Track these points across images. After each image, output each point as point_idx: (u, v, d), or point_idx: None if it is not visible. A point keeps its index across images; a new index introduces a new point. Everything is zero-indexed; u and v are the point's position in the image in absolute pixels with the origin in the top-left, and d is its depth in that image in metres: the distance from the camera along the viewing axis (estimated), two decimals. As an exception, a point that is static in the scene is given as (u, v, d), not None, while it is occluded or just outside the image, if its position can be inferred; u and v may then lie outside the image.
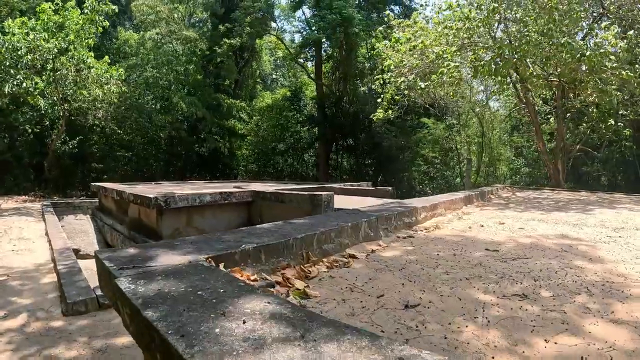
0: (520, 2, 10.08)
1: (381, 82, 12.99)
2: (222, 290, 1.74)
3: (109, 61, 15.10)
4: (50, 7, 13.15)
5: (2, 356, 3.23)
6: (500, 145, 24.65)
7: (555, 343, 1.89)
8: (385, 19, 14.13)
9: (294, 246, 3.09)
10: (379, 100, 12.94)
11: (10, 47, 12.53)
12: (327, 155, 26.47)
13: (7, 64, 12.68)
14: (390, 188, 11.34)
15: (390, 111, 13.33)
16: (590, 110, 13.31)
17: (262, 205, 8.94)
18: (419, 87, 10.80)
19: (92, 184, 13.35)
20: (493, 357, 1.76)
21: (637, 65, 9.88)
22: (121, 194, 9.04)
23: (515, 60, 9.83)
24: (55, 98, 15.11)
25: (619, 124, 13.03)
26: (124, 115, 19.86)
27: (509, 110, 22.64)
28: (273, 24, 28.41)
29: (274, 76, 37.45)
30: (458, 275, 2.93)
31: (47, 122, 17.21)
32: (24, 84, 12.90)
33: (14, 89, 12.82)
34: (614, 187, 18.38)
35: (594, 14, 11.64)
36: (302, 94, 28.71)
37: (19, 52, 12.68)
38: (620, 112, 12.88)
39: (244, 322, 1.39)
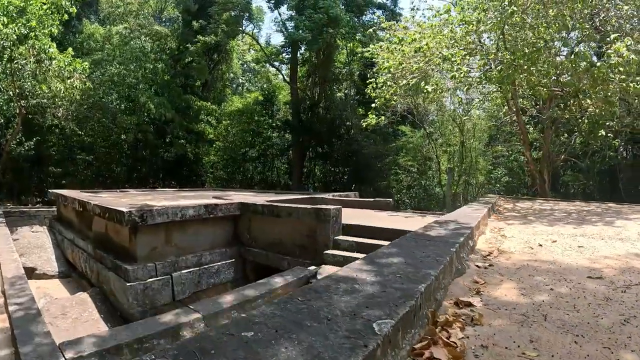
0: (533, 7, 9.44)
1: (374, 85, 12.12)
2: None
3: (73, 54, 13.54)
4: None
5: None
6: (479, 155, 24.37)
7: None
8: (376, 20, 13.29)
9: (421, 307, 2.16)
10: (359, 107, 12.09)
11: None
12: (300, 162, 25.45)
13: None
14: (390, 200, 10.47)
15: (383, 117, 12.55)
16: (580, 120, 13.03)
17: (253, 219, 7.83)
18: (425, 90, 9.97)
19: (50, 191, 11.80)
20: None
21: None
22: (85, 205, 7.69)
23: (526, 67, 9.23)
24: (11, 93, 13.49)
25: (609, 135, 12.82)
26: (86, 115, 18.13)
27: (491, 119, 22.31)
28: (248, 24, 27.24)
29: (240, 80, 36.30)
30: (614, 320, 2.42)
31: (2, 120, 15.36)
32: (-25, 76, 11.25)
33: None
34: (588, 196, 18.52)
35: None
36: (275, 99, 27.56)
37: (-29, 39, 11.05)
38: (607, 124, 12.68)
39: None
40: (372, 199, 10.89)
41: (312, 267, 6.16)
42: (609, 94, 10.16)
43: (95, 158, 20.00)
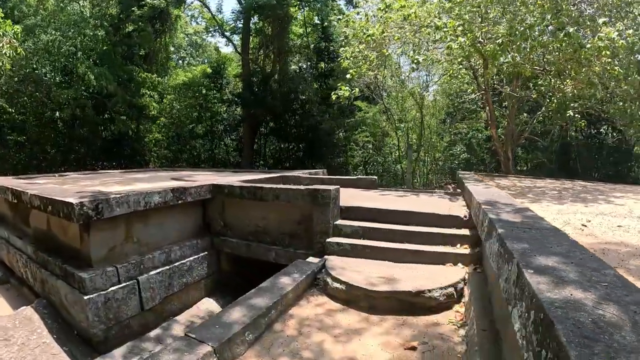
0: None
1: (348, 55, 11.14)
2: None
3: (3, 15, 11.42)
4: None
5: None
6: (437, 132, 24.22)
7: None
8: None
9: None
10: (315, 81, 11.11)
11: None
12: (252, 139, 24.13)
13: None
14: (375, 177, 9.58)
15: (356, 89, 11.61)
16: (548, 100, 12.91)
17: (227, 204, 6.68)
18: (415, 60, 9.08)
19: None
20: None
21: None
22: (19, 195, 6.19)
23: (518, 44, 8.93)
24: None
25: (576, 115, 12.87)
26: (17, 88, 15.81)
27: (449, 96, 22.02)
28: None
29: (183, 54, 34.16)
30: None
31: None
32: None
33: None
34: (546, 173, 18.83)
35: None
36: (225, 71, 25.81)
37: None
38: (572, 105, 12.70)
39: None
40: (354, 177, 9.98)
41: (317, 260, 5.19)
42: (592, 76, 10.19)
43: (28, 139, 17.72)
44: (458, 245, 5.24)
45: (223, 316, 3.39)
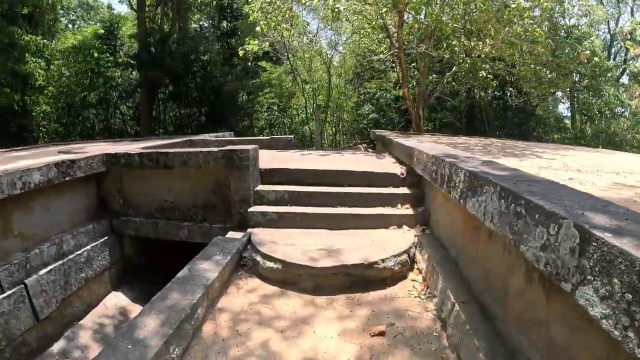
0: None
1: (257, 7, 10.07)
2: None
3: None
4: None
5: None
6: (345, 92, 23.88)
7: None
8: None
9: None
10: (217, 42, 10.02)
11: None
12: (150, 105, 22.02)
13: None
14: (291, 137, 8.75)
15: (266, 43, 10.58)
16: (460, 60, 12.97)
17: (126, 176, 5.54)
18: (334, 9, 8.25)
19: None
20: None
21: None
22: None
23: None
24: None
25: (489, 76, 13.08)
26: None
27: (357, 57, 21.65)
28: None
29: (73, 16, 30.23)
30: None
31: None
32: None
33: None
34: (459, 132, 19.51)
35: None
36: (119, 31, 22.97)
37: None
38: (484, 66, 12.94)
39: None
40: (267, 137, 9.08)
41: (239, 234, 4.34)
42: (512, 36, 10.07)
43: None
44: (399, 206, 4.71)
45: (136, 328, 2.43)
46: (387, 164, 5.75)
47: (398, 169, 5.25)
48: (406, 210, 4.63)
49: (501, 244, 2.41)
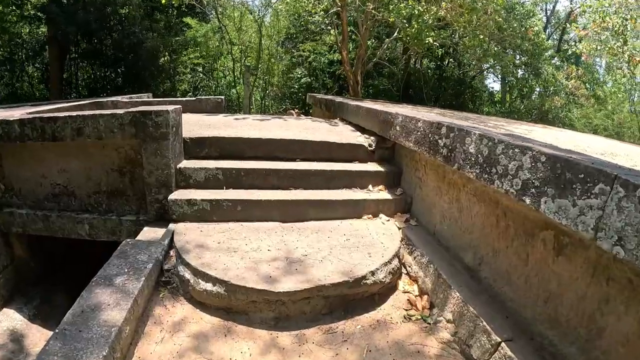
0: None
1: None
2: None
3: None
4: None
5: None
6: (276, 55, 22.53)
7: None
8: None
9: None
10: None
11: None
12: (60, 64, 19.32)
13: None
14: (222, 97, 7.28)
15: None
16: (405, 25, 12.24)
17: (6, 153, 4.06)
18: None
19: None
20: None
21: None
22: None
23: None
24: None
25: (435, 42, 12.52)
26: None
27: (291, 16, 20.21)
28: None
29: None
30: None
31: None
32: None
33: None
34: (394, 99, 19.16)
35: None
36: (25, -20, 19.73)
37: None
38: (430, 33, 12.38)
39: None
40: (193, 98, 7.56)
41: (158, 232, 3.10)
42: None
43: None
44: (371, 187, 3.67)
45: None
46: (345, 132, 4.66)
47: (363, 139, 4.20)
48: (380, 193, 3.60)
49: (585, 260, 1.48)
